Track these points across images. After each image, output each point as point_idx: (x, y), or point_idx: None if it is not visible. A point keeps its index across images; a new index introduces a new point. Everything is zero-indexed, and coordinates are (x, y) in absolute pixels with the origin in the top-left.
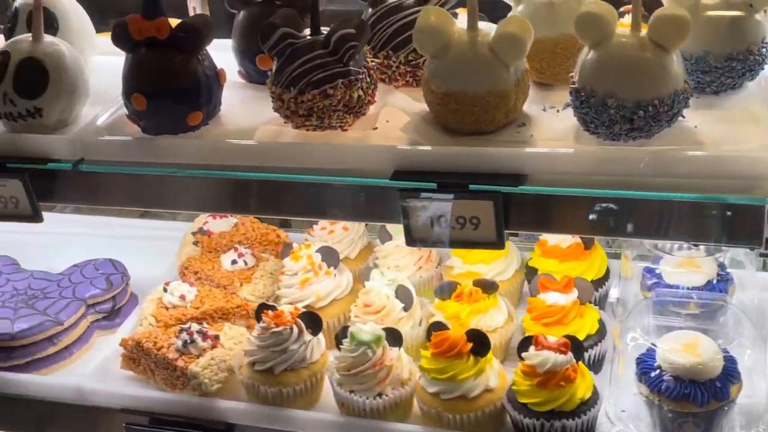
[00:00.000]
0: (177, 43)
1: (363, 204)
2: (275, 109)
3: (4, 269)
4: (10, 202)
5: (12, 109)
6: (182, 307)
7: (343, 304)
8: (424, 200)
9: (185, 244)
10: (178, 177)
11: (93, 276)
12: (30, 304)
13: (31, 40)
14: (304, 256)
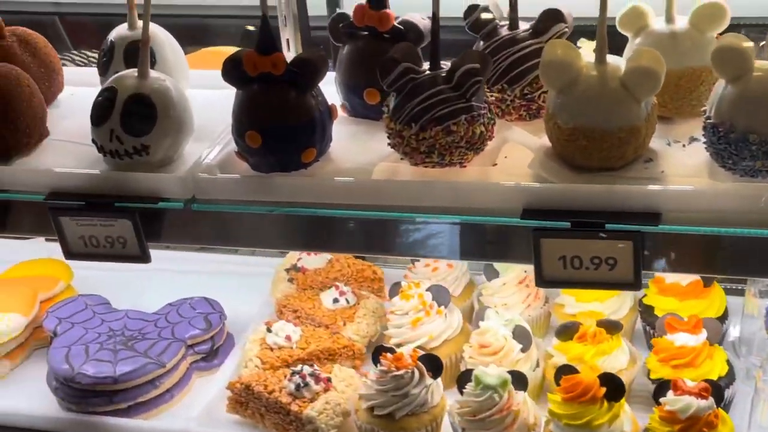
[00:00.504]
0: (292, 79)
1: (490, 243)
2: (392, 146)
3: (97, 309)
4: (117, 243)
5: (119, 146)
6: (288, 348)
7: (454, 345)
8: (558, 240)
9: (279, 280)
10: (291, 215)
11: (191, 315)
12: (129, 345)
13: (137, 75)
14: (414, 295)
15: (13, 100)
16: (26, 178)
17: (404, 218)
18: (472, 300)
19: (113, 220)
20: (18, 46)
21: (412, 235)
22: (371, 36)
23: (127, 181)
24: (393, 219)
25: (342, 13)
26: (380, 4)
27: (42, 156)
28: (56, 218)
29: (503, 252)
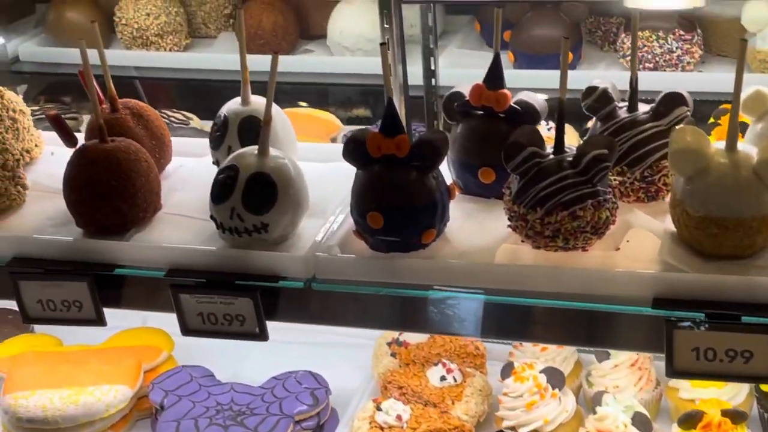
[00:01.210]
0: (415, 160)
1: (618, 331)
2: (513, 228)
3: (202, 381)
4: (236, 320)
5: (239, 224)
6: (398, 428)
7: (568, 429)
8: (693, 331)
9: (381, 354)
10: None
11: (297, 390)
12: (239, 421)
13: (258, 154)
14: (529, 377)
15: (132, 175)
16: (145, 254)
17: (527, 303)
18: (581, 380)
19: (234, 298)
20: (131, 118)
21: (534, 319)
22: (487, 115)
23: (248, 259)
24: (516, 303)
25: (457, 92)
26: (497, 84)
27: (157, 230)
28: (176, 295)
29: (631, 341)
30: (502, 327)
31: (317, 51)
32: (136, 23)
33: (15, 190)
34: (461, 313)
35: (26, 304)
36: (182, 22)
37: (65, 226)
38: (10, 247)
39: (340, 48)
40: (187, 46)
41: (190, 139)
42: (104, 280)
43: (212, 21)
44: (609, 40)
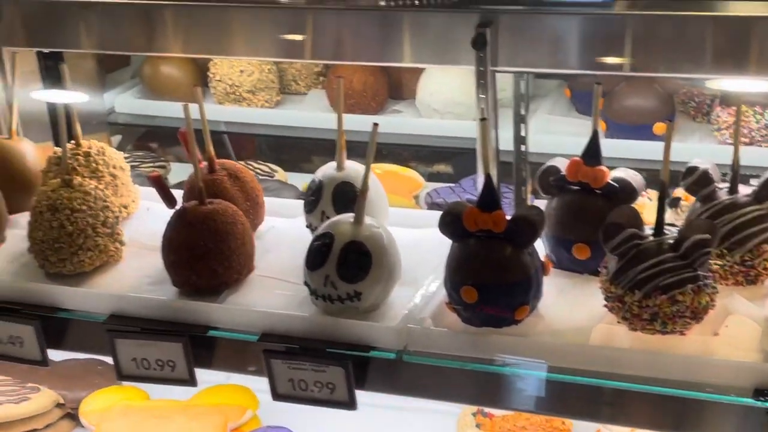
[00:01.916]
0: (511, 236)
1: (713, 420)
2: (610, 308)
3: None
4: (326, 388)
5: (332, 291)
6: None
7: None
8: None
9: (465, 425)
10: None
11: None
12: None
13: (353, 222)
14: None
15: (228, 237)
16: (240, 317)
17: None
18: None
19: (325, 366)
20: (228, 179)
21: (625, 403)
22: (583, 191)
23: (341, 327)
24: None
25: (553, 166)
26: (595, 160)
27: (250, 293)
28: (269, 360)
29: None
30: (592, 409)
31: (405, 112)
32: (229, 80)
33: (113, 247)
34: (550, 393)
35: (121, 362)
36: (274, 79)
37: (161, 284)
38: (108, 304)
39: (429, 110)
40: (278, 102)
41: (283, 200)
42: (197, 340)
43: (303, 78)
44: (702, 111)
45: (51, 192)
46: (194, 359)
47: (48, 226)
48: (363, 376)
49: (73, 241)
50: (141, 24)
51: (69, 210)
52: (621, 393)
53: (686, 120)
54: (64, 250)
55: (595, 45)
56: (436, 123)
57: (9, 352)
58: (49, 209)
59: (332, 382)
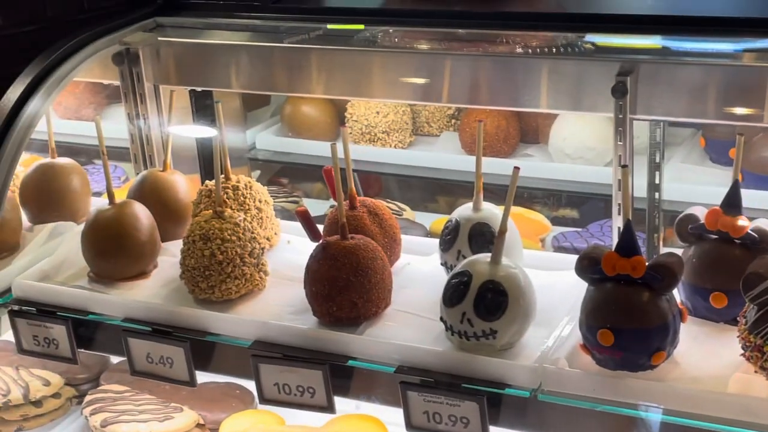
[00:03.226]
0: (650, 282)
1: None
2: (748, 358)
3: None
4: (460, 422)
5: (468, 328)
6: None
7: None
8: None
9: None
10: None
11: None
12: None
13: (491, 261)
14: None
15: (368, 272)
16: (378, 349)
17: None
18: None
19: (460, 401)
20: (368, 216)
21: None
22: (722, 240)
23: (477, 363)
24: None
25: (691, 214)
26: (735, 210)
27: (387, 326)
28: (405, 392)
29: None
30: None
31: (536, 156)
32: (366, 120)
33: (258, 276)
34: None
35: (263, 386)
36: (408, 121)
37: (302, 314)
38: (253, 330)
39: (561, 155)
40: (411, 143)
41: (418, 238)
42: (336, 369)
43: (435, 120)
44: None
45: (204, 222)
46: (334, 387)
47: (200, 254)
48: (496, 412)
49: (223, 269)
50: (285, 65)
51: (220, 240)
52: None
53: None
54: (214, 277)
55: (730, 94)
56: (567, 167)
57: (160, 372)
58: (201, 239)
59: (466, 417)
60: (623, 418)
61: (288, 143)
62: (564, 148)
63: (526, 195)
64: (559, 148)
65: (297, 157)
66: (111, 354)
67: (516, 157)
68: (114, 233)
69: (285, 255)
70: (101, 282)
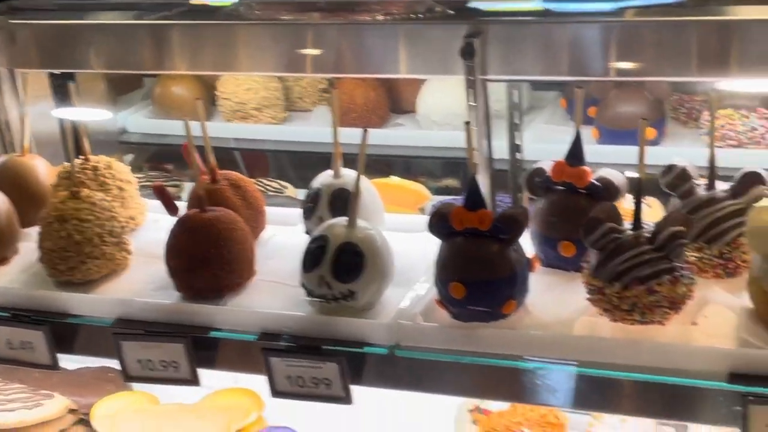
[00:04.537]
0: (497, 234)
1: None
2: (592, 301)
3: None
4: (322, 383)
5: (327, 291)
6: None
7: None
8: None
9: (462, 421)
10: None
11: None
12: None
13: (347, 225)
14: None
15: (229, 243)
16: (240, 318)
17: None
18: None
19: (321, 363)
20: (230, 189)
21: (611, 391)
22: (568, 191)
23: (335, 325)
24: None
25: (539, 168)
26: (578, 161)
27: (251, 296)
28: (267, 358)
29: (708, 415)
30: (580, 398)
31: (407, 125)
32: (236, 97)
33: (120, 256)
34: (540, 383)
35: (127, 364)
36: (280, 97)
37: (165, 290)
38: (113, 308)
39: (429, 122)
40: (284, 118)
41: (284, 209)
42: (200, 342)
43: (308, 95)
44: (693, 117)
45: (59, 203)
46: (197, 360)
47: (57, 236)
48: (358, 371)
49: (81, 249)
50: (148, 43)
51: (77, 220)
52: (604, 381)
53: (677, 126)
54: (73, 258)
55: (582, 52)
56: (435, 134)
57: (21, 357)
58: (57, 220)
59: (328, 378)
60: (479, 367)
61: (160, 125)
62: (430, 115)
63: (407, 167)
64: (426, 116)
65: (172, 138)
66: None
67: (387, 128)
68: None
69: (151, 234)
70: None
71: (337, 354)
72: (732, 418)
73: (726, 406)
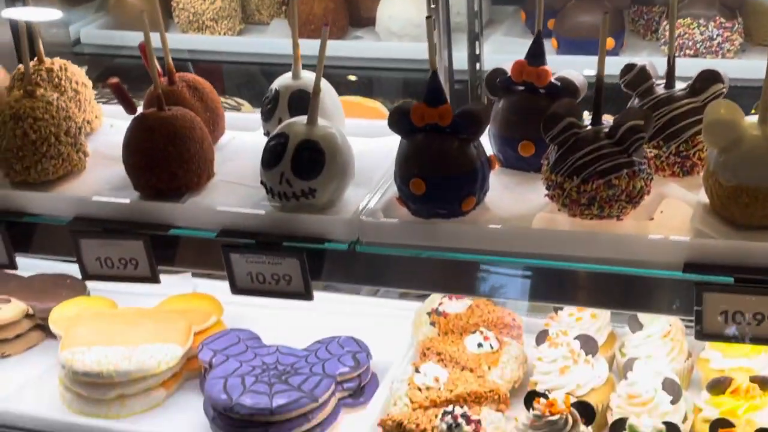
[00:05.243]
0: (456, 130)
1: (650, 295)
2: (550, 197)
3: (249, 343)
4: (283, 280)
5: (288, 189)
6: (436, 389)
7: (600, 394)
8: (721, 294)
9: (420, 323)
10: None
11: (339, 353)
12: (283, 379)
13: (307, 123)
14: (563, 343)
15: (187, 141)
16: (199, 216)
17: (562, 267)
18: (614, 351)
19: (281, 259)
20: (187, 91)
21: (569, 283)
22: (528, 91)
23: (295, 222)
24: (551, 267)
25: (499, 69)
26: (539, 60)
27: (210, 195)
28: (227, 255)
29: (664, 304)
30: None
31: (366, 37)
32: (192, 8)
33: (77, 156)
34: (498, 277)
35: (86, 262)
36: (236, 8)
37: (123, 190)
38: (71, 207)
39: (388, 33)
40: (241, 31)
41: (242, 114)
42: (159, 240)
43: (265, 8)
44: (651, 29)
45: (14, 102)
46: (157, 258)
47: (12, 134)
48: (319, 267)
49: (37, 149)
50: None
51: (32, 119)
52: (562, 273)
53: (636, 38)
54: (28, 158)
55: None
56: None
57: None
58: (12, 118)
59: (288, 274)
60: (439, 262)
61: (114, 36)
62: (390, 26)
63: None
64: (386, 27)
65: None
66: None
67: (345, 40)
68: None
69: (108, 138)
70: None
71: (297, 250)
72: (687, 307)
73: (681, 295)
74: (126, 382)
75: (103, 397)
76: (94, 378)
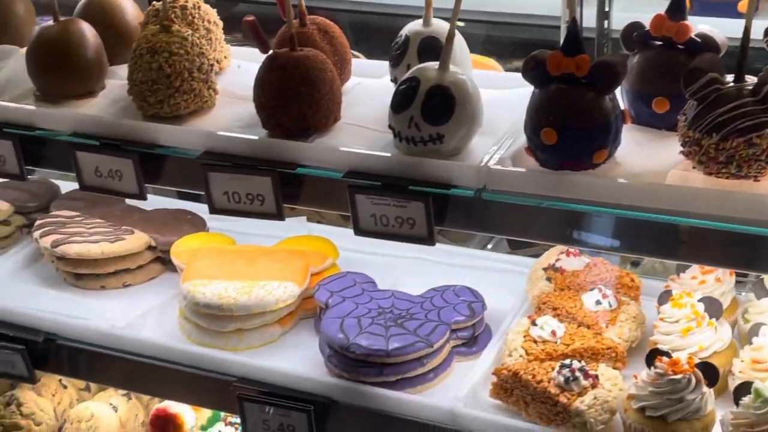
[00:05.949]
0: (593, 81)
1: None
2: (686, 154)
3: (365, 287)
4: (407, 223)
5: (416, 133)
6: (552, 343)
7: (723, 357)
8: None
9: (536, 278)
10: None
11: (455, 302)
12: (399, 323)
13: (439, 68)
14: (687, 305)
15: (318, 82)
16: (327, 156)
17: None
18: (736, 317)
19: (406, 202)
20: (318, 33)
21: (699, 242)
22: (666, 46)
23: (423, 166)
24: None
25: (637, 22)
26: (679, 15)
27: (337, 137)
28: (353, 196)
29: None
30: (667, 247)
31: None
32: None
33: (207, 93)
34: (625, 231)
35: (214, 195)
36: None
37: (252, 127)
38: (201, 141)
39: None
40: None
41: (368, 61)
42: (286, 178)
43: None
44: None
45: (151, 36)
46: (282, 195)
47: (147, 68)
48: (443, 213)
49: (171, 83)
50: None
51: (167, 53)
52: (693, 231)
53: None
54: (162, 91)
55: None
56: None
57: (108, 185)
58: (148, 51)
59: (413, 218)
60: (565, 213)
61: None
62: None
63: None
64: None
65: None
66: (59, 170)
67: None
68: (58, 49)
69: (235, 77)
70: (48, 100)
71: (423, 194)
72: None
73: None
74: (245, 317)
75: (221, 330)
76: (215, 310)
